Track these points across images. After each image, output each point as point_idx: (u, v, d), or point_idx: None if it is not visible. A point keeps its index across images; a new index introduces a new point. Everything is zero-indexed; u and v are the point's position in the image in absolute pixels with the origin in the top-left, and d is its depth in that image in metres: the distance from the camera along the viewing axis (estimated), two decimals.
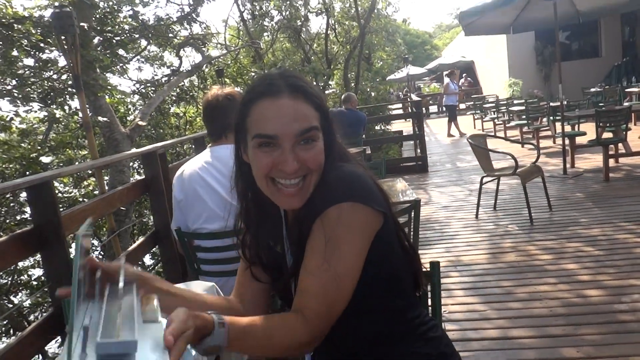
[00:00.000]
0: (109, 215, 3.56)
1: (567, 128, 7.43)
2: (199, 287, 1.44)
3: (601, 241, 3.91)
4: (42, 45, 5.86)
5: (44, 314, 2.19)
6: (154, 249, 4.14)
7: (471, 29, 7.61)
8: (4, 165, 8.84)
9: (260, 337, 0.89)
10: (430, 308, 1.36)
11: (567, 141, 6.48)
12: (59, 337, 2.25)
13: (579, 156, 7.11)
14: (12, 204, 8.77)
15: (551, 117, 8.79)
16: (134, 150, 5.19)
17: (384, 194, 1.05)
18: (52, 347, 5.83)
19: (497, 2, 6.28)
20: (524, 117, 9.27)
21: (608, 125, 6.28)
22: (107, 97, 6.21)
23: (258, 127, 0.96)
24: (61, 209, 2.36)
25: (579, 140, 7.11)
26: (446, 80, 12.25)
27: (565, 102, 7.35)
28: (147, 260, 10.32)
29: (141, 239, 3.50)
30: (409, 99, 13.83)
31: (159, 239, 3.41)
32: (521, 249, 3.99)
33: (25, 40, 5.93)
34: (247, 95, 1.01)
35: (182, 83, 12.22)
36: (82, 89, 3.32)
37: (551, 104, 8.71)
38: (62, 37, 3.18)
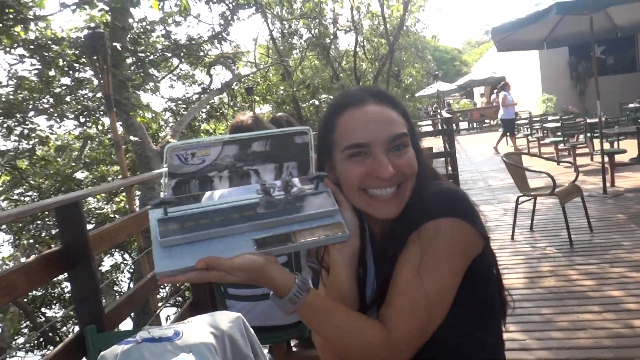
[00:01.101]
0: (137, 235, 3.56)
1: (606, 145, 7.15)
2: (224, 318, 1.37)
3: None
4: (76, 65, 6.02)
5: (69, 337, 2.16)
6: None
7: (503, 44, 7.46)
8: (40, 180, 9.10)
9: (338, 329, 0.86)
10: None
11: (606, 159, 6.23)
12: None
13: (619, 175, 6.82)
14: (46, 219, 8.98)
15: (588, 134, 8.50)
16: (162, 169, 5.21)
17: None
18: None
19: (530, 18, 6.12)
20: (559, 134, 9.00)
21: None
22: (138, 116, 6.32)
23: (347, 138, 0.93)
24: (93, 224, 2.35)
25: (619, 158, 6.83)
26: (502, 93, 11.91)
27: (603, 119, 7.10)
28: None
29: None
30: (439, 116, 13.65)
31: None
32: (561, 273, 3.80)
33: (61, 60, 6.10)
34: (330, 110, 0.99)
35: (213, 101, 12.40)
36: (113, 108, 3.35)
37: (588, 120, 8.43)
38: (95, 58, 3.24)
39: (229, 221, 0.86)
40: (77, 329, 2.27)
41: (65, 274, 2.30)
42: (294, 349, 2.83)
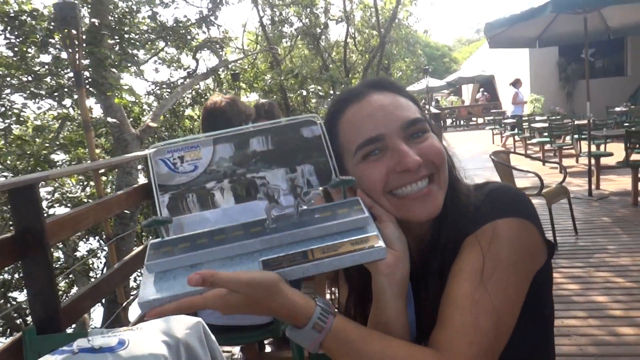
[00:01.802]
0: (105, 221, 3.37)
1: (593, 148, 7.12)
2: (180, 324, 1.20)
3: (632, 272, 3.61)
4: (51, 40, 5.75)
5: (7, 341, 1.96)
6: None
7: (496, 41, 7.37)
8: (16, 161, 8.77)
9: None
10: None
11: (592, 161, 6.18)
12: None
13: (604, 177, 6.79)
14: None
15: (575, 136, 8.47)
16: (135, 153, 5.02)
17: None
18: None
19: (525, 15, 6.02)
20: (546, 134, 8.95)
21: (638, 146, 5.97)
22: (116, 97, 6.07)
23: (356, 138, 0.78)
24: (68, 209, 2.16)
25: (604, 161, 6.80)
26: (513, 89, 11.73)
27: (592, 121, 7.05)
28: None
29: (140, 248, 3.30)
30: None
31: None
32: None
33: (37, 36, 5.82)
34: (329, 115, 0.83)
35: (197, 86, 12.12)
36: (83, 86, 3.15)
37: (576, 122, 8.39)
38: (65, 30, 3.02)
39: (231, 240, 0.69)
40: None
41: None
42: (267, 348, 2.69)
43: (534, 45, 7.74)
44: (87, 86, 6.25)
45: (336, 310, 0.70)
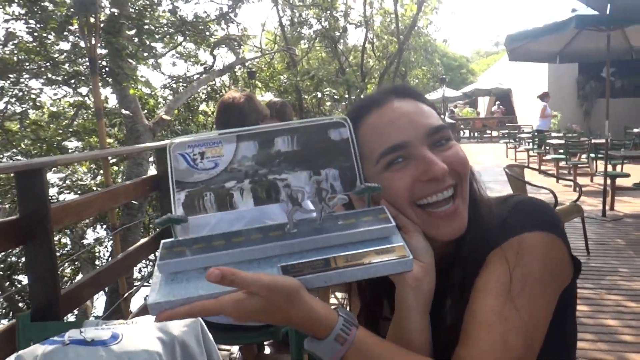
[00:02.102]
0: (111, 211, 3.35)
1: (609, 168, 7.01)
2: (178, 321, 1.17)
3: None
4: (70, 27, 5.77)
5: (5, 324, 1.93)
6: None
7: (516, 54, 7.29)
8: (30, 146, 8.84)
9: None
10: None
11: (608, 181, 6.07)
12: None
13: (619, 199, 6.67)
14: None
15: (592, 155, 8.34)
16: (146, 144, 5.01)
17: None
18: None
19: (547, 29, 5.95)
20: (561, 151, 8.83)
21: None
22: (131, 88, 6.08)
23: (379, 145, 0.74)
24: (77, 196, 2.13)
25: (620, 182, 6.68)
26: (542, 103, 11.46)
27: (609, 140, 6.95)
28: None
29: (146, 239, 3.27)
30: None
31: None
32: None
33: (55, 21, 5.85)
34: (349, 118, 0.77)
35: (213, 82, 12.14)
36: (97, 73, 3.14)
37: (594, 140, 8.26)
38: (84, 17, 3.01)
39: (249, 243, 0.65)
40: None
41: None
42: (266, 350, 2.64)
43: (555, 60, 7.65)
44: (104, 75, 6.27)
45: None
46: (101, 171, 8.95)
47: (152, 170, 7.25)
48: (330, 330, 0.61)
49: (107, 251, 10.57)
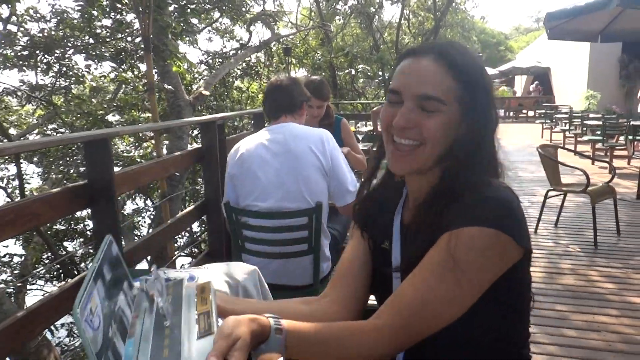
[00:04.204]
0: (162, 180, 3.59)
1: None
2: (240, 269, 1.36)
3: None
4: (118, 6, 5.99)
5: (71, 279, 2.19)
6: (202, 218, 4.17)
7: (556, 32, 7.15)
8: (74, 118, 9.26)
9: (329, 347, 0.80)
10: None
11: None
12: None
13: None
14: (75, 157, 9.17)
15: (630, 137, 8.17)
16: (193, 118, 5.23)
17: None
18: None
19: (589, 7, 5.82)
20: (598, 132, 8.68)
21: None
22: (174, 65, 6.30)
23: (392, 83, 0.96)
24: (119, 167, 2.36)
25: None
26: None
27: None
28: (195, 227, 10.58)
29: (190, 207, 3.51)
30: None
31: (207, 210, 3.40)
32: (581, 272, 3.71)
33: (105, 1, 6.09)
34: (397, 60, 1.01)
35: (249, 58, 12.30)
36: (151, 51, 3.33)
37: (632, 122, 8.09)
38: None
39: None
40: None
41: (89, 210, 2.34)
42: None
43: (596, 39, 7.47)
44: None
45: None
46: (143, 144, 9.29)
47: (193, 144, 7.52)
48: (270, 327, 0.74)
49: (145, 222, 11.06)
